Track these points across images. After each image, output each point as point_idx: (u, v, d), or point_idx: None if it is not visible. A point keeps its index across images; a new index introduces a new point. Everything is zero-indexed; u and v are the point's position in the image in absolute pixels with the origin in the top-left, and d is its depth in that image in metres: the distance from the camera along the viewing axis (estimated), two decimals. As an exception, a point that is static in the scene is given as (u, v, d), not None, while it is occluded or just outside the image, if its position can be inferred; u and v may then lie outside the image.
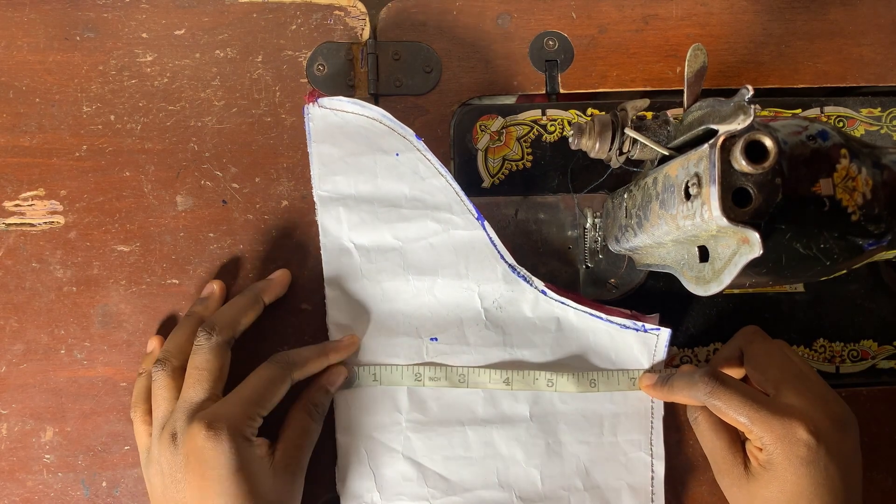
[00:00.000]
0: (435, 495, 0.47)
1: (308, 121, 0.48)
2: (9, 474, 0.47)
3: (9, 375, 0.48)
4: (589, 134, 0.43)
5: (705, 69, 0.39)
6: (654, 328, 0.48)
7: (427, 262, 0.48)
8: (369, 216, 0.48)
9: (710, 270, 0.37)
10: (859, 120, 0.53)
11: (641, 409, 0.48)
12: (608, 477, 0.48)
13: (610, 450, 0.48)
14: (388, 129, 0.48)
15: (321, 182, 0.48)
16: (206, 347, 0.44)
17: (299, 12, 0.52)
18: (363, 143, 0.48)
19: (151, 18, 0.51)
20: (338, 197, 0.48)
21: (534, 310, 0.48)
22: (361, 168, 0.48)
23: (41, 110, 0.50)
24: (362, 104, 0.47)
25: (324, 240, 0.49)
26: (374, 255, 0.48)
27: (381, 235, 0.48)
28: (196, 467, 0.41)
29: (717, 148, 0.32)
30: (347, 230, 0.48)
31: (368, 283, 0.48)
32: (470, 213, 0.48)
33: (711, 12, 0.53)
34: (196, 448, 0.41)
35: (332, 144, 0.48)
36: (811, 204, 0.35)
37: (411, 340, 0.48)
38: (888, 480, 0.50)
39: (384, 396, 0.48)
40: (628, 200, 0.44)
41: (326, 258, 0.48)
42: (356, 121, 0.48)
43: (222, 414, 0.41)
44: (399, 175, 0.48)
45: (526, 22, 0.53)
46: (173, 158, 0.50)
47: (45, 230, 0.49)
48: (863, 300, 0.52)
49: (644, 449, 0.48)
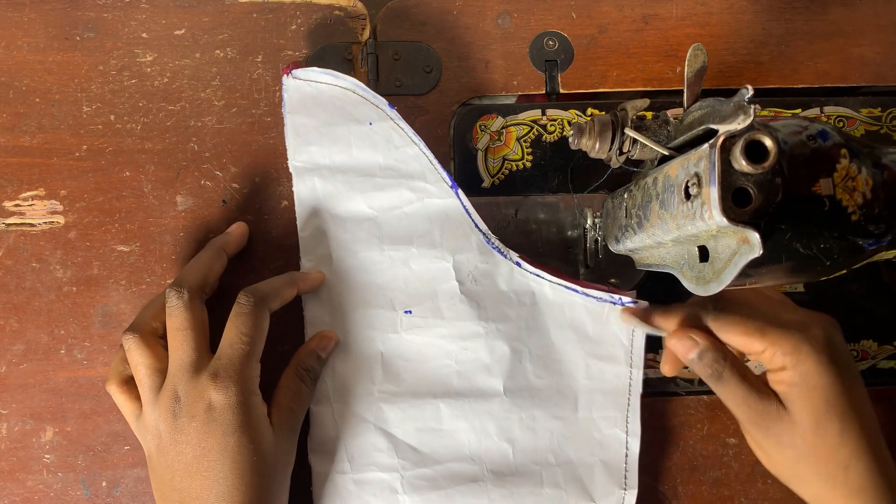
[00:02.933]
0: (406, 466, 0.47)
1: (284, 92, 0.48)
2: (9, 474, 0.47)
3: (9, 375, 0.48)
4: (589, 134, 0.43)
5: (705, 69, 0.39)
6: (630, 301, 0.47)
7: (402, 231, 0.48)
8: (344, 186, 0.48)
9: (710, 270, 0.37)
10: (859, 120, 0.53)
11: (618, 386, 0.48)
12: (581, 453, 0.47)
13: (584, 425, 0.47)
14: (361, 99, 0.48)
15: (296, 153, 0.48)
16: (180, 306, 0.43)
17: (299, 12, 0.52)
18: (337, 113, 0.48)
19: (151, 18, 0.51)
20: (313, 167, 0.48)
21: (509, 283, 0.48)
22: (336, 138, 0.48)
23: (41, 110, 0.50)
24: (336, 74, 0.48)
25: (299, 210, 0.48)
26: (350, 225, 0.48)
27: (356, 205, 0.48)
28: (200, 425, 0.40)
29: (717, 148, 0.32)
30: (323, 200, 0.48)
31: (344, 253, 0.48)
32: (444, 182, 0.47)
33: (711, 12, 0.53)
34: (203, 405, 0.40)
35: (306, 115, 0.48)
36: (811, 204, 0.35)
37: (386, 313, 0.48)
38: (888, 480, 0.50)
39: (358, 365, 0.47)
40: (628, 200, 0.44)
41: (302, 229, 0.48)
42: (330, 91, 0.48)
43: (226, 368, 0.41)
44: (373, 144, 0.48)
45: (526, 22, 0.53)
46: (173, 158, 0.50)
47: (45, 230, 0.49)
48: (863, 300, 0.52)
49: (619, 426, 0.47)
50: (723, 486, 0.50)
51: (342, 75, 0.48)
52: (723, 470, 0.50)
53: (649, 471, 0.49)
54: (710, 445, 0.50)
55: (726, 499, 0.49)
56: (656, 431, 0.50)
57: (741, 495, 0.50)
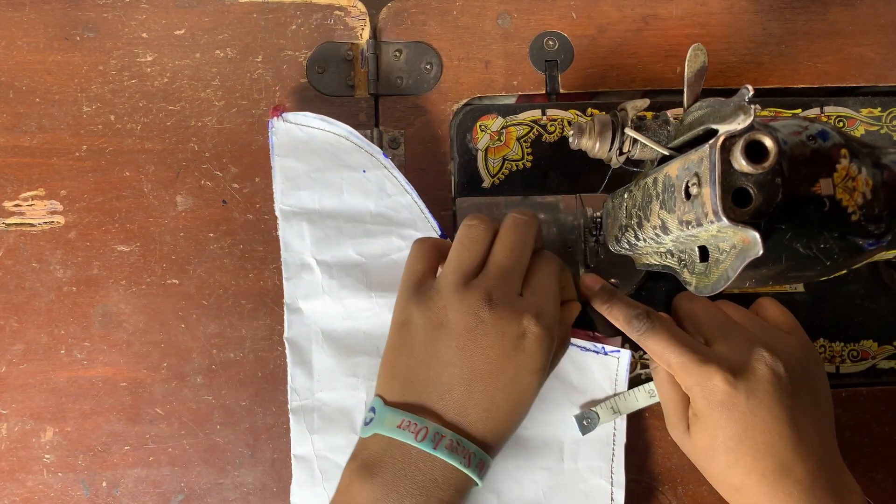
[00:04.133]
0: None
1: (272, 135, 0.48)
2: (9, 474, 0.47)
3: (9, 375, 0.48)
4: (589, 134, 0.43)
5: (705, 69, 0.39)
6: (613, 350, 0.47)
7: (389, 278, 0.47)
8: (333, 231, 0.48)
9: (711, 270, 0.37)
10: (859, 120, 0.53)
11: (603, 436, 0.47)
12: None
13: (570, 476, 0.47)
14: (355, 146, 0.48)
15: (284, 196, 0.48)
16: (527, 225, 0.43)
17: (299, 12, 0.52)
18: (329, 159, 0.48)
19: (151, 18, 0.51)
20: (301, 212, 0.48)
21: None
22: (327, 183, 0.48)
23: (41, 110, 0.50)
24: (329, 121, 0.47)
25: (285, 255, 0.48)
26: (336, 272, 0.47)
27: (344, 251, 0.48)
28: (508, 344, 0.40)
29: (717, 148, 0.32)
30: (310, 245, 0.48)
31: (330, 300, 0.47)
32: (433, 231, 0.47)
33: (711, 12, 0.53)
34: (517, 331, 0.40)
35: (296, 159, 0.48)
36: (811, 204, 0.35)
37: (371, 360, 0.47)
38: (888, 480, 0.50)
39: (339, 418, 0.47)
40: (628, 200, 0.44)
41: (287, 274, 0.48)
42: (322, 136, 0.48)
43: (546, 314, 0.41)
44: (365, 192, 0.48)
45: (526, 22, 0.53)
46: (173, 158, 0.50)
47: (45, 230, 0.49)
48: (863, 300, 0.52)
49: (604, 476, 0.47)
50: (723, 486, 0.50)
51: (335, 122, 0.47)
52: (723, 470, 0.50)
53: (649, 471, 0.49)
54: (710, 445, 0.50)
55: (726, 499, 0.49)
56: (656, 431, 0.50)
57: (741, 495, 0.50)
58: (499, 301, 0.40)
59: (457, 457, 0.39)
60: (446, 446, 0.39)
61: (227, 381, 0.48)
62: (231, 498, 0.48)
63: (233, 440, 0.48)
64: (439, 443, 0.39)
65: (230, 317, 0.49)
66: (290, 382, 0.47)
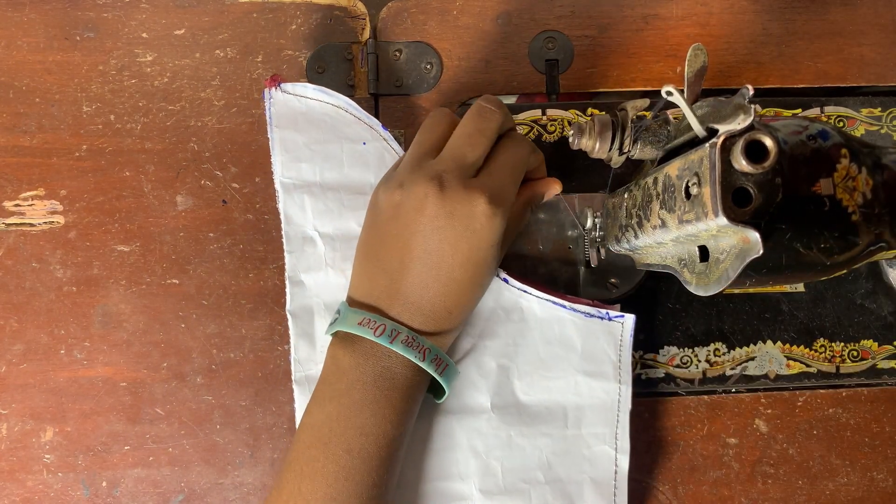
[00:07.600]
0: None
1: (269, 105, 0.47)
2: (9, 474, 0.47)
3: (9, 375, 0.48)
4: (589, 134, 0.43)
5: (705, 69, 0.39)
6: (618, 315, 0.47)
7: None
8: (335, 204, 0.48)
9: (711, 270, 0.37)
10: (859, 120, 0.53)
11: (607, 402, 0.47)
12: (570, 470, 0.47)
13: (573, 442, 0.47)
14: (354, 118, 0.48)
15: (284, 169, 0.48)
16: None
17: (299, 12, 0.52)
18: (328, 131, 0.48)
19: (151, 18, 0.51)
20: (302, 184, 0.48)
21: (497, 299, 0.47)
22: (327, 155, 0.48)
23: (41, 110, 0.50)
24: (327, 91, 0.47)
25: (286, 228, 0.48)
26: (339, 244, 0.48)
27: (346, 223, 0.48)
28: (458, 224, 0.41)
29: (717, 148, 0.32)
30: (312, 218, 0.48)
31: (332, 272, 0.47)
32: None
33: (711, 12, 0.53)
34: (466, 211, 0.41)
35: (294, 130, 0.48)
36: (811, 204, 0.35)
37: None
38: (888, 480, 0.50)
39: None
40: (628, 200, 0.44)
41: (289, 247, 0.48)
42: (320, 108, 0.48)
43: (501, 194, 0.42)
44: (365, 163, 0.48)
45: (526, 22, 0.53)
46: (173, 158, 0.50)
47: (45, 230, 0.49)
48: (863, 300, 0.52)
49: (608, 442, 0.47)
50: (723, 486, 0.50)
51: (334, 92, 0.47)
52: (723, 470, 0.50)
53: (649, 471, 0.49)
54: (710, 445, 0.50)
55: (726, 499, 0.49)
56: (656, 431, 0.50)
57: (741, 495, 0.50)
58: (449, 182, 0.41)
59: (412, 351, 0.41)
60: (402, 341, 0.41)
61: (227, 381, 0.49)
62: (231, 498, 0.48)
63: (233, 440, 0.48)
64: (395, 338, 0.41)
65: (230, 317, 0.49)
66: (293, 353, 0.47)
